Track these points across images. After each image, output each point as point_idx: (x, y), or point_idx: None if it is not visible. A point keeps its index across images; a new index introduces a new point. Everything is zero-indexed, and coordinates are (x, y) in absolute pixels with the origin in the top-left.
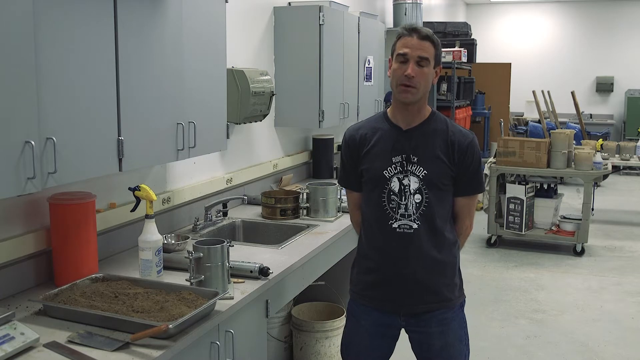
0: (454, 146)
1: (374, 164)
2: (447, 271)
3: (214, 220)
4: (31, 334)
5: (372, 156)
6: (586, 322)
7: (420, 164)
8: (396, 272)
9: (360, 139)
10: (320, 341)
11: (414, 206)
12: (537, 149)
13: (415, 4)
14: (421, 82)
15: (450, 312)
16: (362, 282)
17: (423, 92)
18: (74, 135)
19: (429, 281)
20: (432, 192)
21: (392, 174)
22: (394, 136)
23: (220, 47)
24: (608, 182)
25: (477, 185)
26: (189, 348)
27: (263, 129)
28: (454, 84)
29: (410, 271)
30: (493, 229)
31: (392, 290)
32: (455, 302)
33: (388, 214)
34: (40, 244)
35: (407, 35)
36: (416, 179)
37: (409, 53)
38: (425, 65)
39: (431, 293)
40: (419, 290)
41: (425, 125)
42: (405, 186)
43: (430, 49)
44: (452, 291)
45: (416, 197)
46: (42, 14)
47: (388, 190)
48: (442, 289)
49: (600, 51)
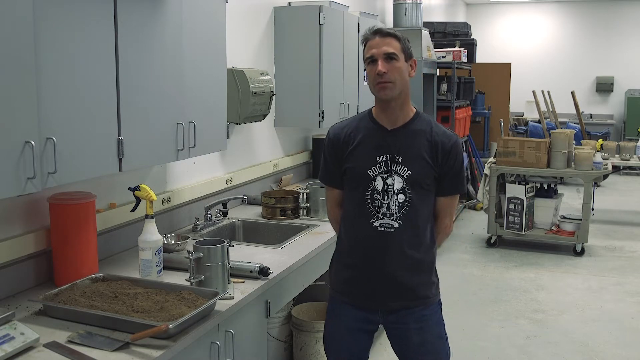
0: (437, 147)
1: (358, 163)
2: (425, 270)
3: (214, 220)
4: (31, 334)
5: (356, 155)
6: (586, 322)
7: (404, 164)
8: (375, 269)
9: (344, 138)
10: (320, 341)
11: (397, 206)
12: (537, 149)
13: (415, 4)
14: (395, 76)
15: (427, 309)
16: (342, 279)
17: (401, 87)
18: (74, 135)
19: (408, 279)
20: (415, 192)
21: (376, 174)
22: (379, 136)
23: (220, 47)
24: (608, 182)
25: (457, 185)
26: (189, 348)
27: (263, 129)
28: (454, 84)
29: (389, 269)
30: (493, 229)
31: (370, 287)
32: (433, 299)
33: (370, 212)
34: (40, 244)
35: (370, 38)
36: (400, 179)
37: (375, 53)
38: (394, 58)
39: (409, 290)
40: (397, 288)
41: (409, 125)
42: (389, 186)
43: (395, 43)
44: (430, 289)
45: (399, 197)
46: (42, 14)
47: (371, 189)
48: (420, 287)
49: (600, 51)
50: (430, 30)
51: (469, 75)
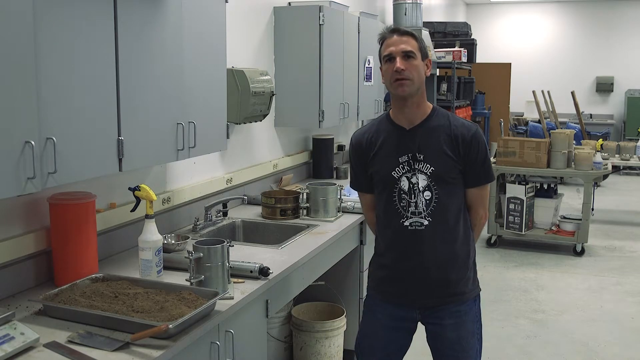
0: (457, 140)
1: (382, 166)
2: (459, 265)
3: (214, 220)
4: (31, 334)
5: (379, 158)
6: (586, 322)
7: (427, 161)
8: (409, 268)
9: (366, 143)
10: (320, 341)
11: (424, 203)
12: (537, 149)
13: (415, 4)
14: (413, 73)
15: (463, 305)
16: (377, 278)
17: (418, 84)
18: (74, 135)
19: (442, 275)
20: (441, 188)
21: (401, 174)
22: (398, 136)
23: (220, 47)
24: (608, 182)
25: (486, 175)
26: (189, 348)
27: (263, 129)
28: (454, 84)
29: (423, 267)
30: (493, 229)
31: (405, 285)
32: (469, 295)
33: (399, 212)
34: (40, 244)
35: (388, 37)
36: (424, 176)
37: (393, 51)
38: (412, 57)
39: (444, 287)
40: (432, 285)
41: (427, 122)
42: (414, 184)
43: (413, 42)
44: (466, 284)
45: (425, 194)
46: (42, 14)
47: (398, 189)
48: (454, 282)
49: (600, 51)
50: (430, 30)
51: (469, 75)
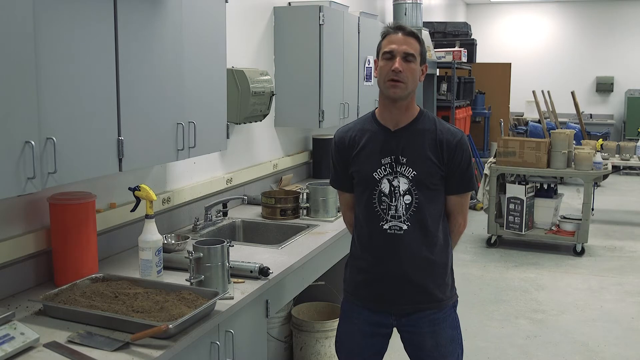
0: (442, 145)
1: (364, 166)
2: (438, 271)
3: (214, 220)
4: (31, 334)
5: (361, 158)
6: (586, 322)
7: (409, 164)
8: (387, 272)
9: (349, 141)
10: (320, 341)
11: (404, 207)
12: (537, 149)
13: (415, 4)
14: (409, 77)
15: (441, 312)
16: (354, 282)
17: (411, 88)
18: (74, 135)
19: (420, 281)
20: (422, 193)
21: (382, 176)
22: (383, 137)
23: (220, 47)
24: (608, 182)
25: (468, 183)
26: (189, 348)
27: (263, 129)
28: (454, 84)
29: (400, 271)
30: (493, 229)
31: (382, 290)
32: (447, 302)
33: (379, 215)
34: (40, 244)
35: (392, 33)
36: (405, 180)
37: (395, 49)
38: (411, 60)
39: (421, 293)
40: (409, 290)
41: (413, 125)
42: (395, 187)
43: (416, 44)
44: (444, 291)
45: (406, 198)
46: (42, 14)
47: (378, 191)
48: (432, 289)
49: (600, 51)
50: (430, 30)
51: (469, 75)
